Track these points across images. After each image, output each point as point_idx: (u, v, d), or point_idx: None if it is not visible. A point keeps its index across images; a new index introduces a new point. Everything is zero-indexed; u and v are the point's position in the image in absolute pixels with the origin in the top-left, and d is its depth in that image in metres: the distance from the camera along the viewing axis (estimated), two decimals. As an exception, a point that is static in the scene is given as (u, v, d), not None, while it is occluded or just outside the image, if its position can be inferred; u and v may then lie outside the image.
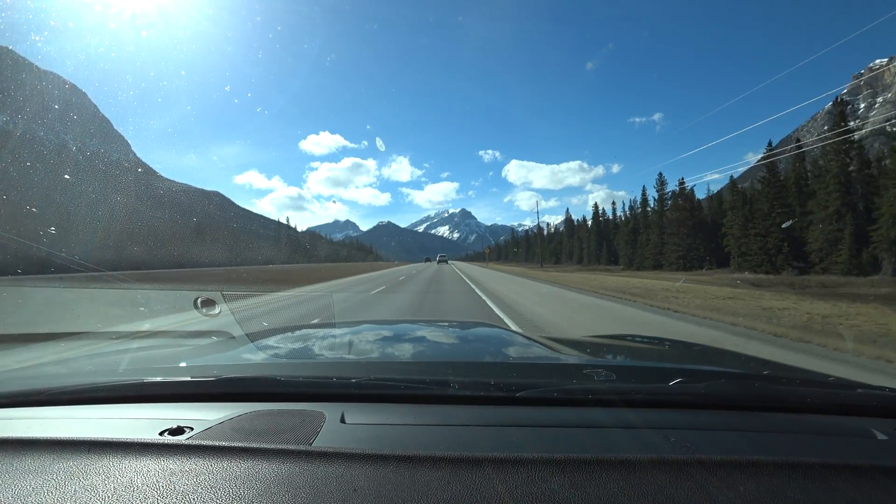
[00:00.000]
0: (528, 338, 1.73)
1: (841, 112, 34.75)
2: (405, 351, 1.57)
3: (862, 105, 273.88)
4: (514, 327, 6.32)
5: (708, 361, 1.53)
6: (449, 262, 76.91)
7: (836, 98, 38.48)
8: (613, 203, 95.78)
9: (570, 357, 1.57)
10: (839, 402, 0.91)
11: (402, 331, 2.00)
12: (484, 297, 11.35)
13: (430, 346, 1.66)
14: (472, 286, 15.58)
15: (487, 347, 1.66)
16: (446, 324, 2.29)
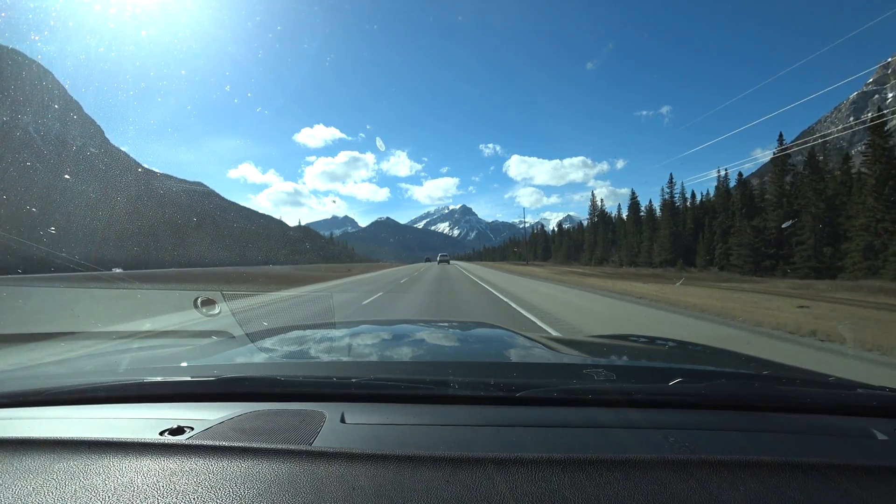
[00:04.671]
0: (529, 338, 1.73)
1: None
2: (405, 351, 1.57)
3: (890, 95, 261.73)
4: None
5: (708, 361, 1.54)
6: (451, 261, 67.27)
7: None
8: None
9: (571, 357, 1.57)
10: (839, 402, 0.92)
11: (402, 331, 2.00)
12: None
13: (431, 346, 1.66)
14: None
15: (488, 347, 1.66)
16: (446, 324, 2.29)
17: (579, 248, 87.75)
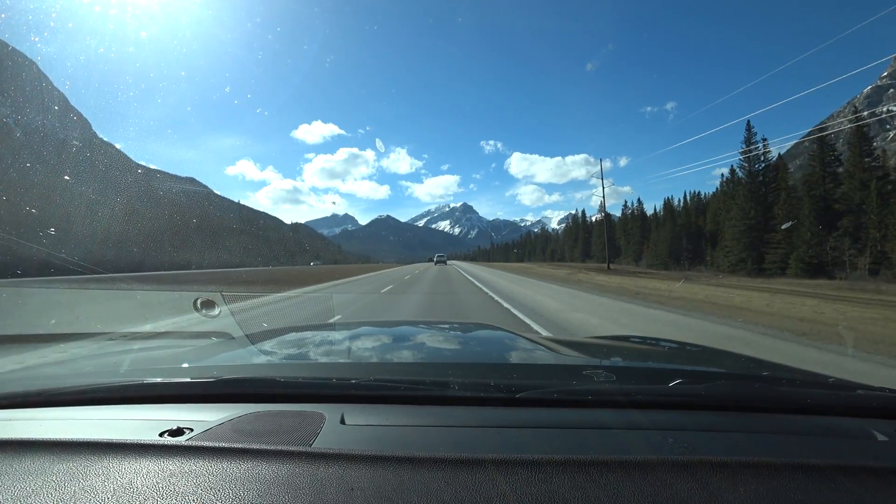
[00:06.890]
0: (529, 339, 1.73)
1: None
2: (405, 352, 1.57)
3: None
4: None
5: (708, 362, 1.53)
6: (456, 263, 64.94)
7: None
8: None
9: (571, 358, 1.57)
10: (839, 402, 0.91)
11: (402, 332, 2.00)
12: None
13: (431, 347, 1.66)
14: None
15: (488, 349, 1.66)
16: (447, 326, 2.29)
17: (696, 240, 47.12)
